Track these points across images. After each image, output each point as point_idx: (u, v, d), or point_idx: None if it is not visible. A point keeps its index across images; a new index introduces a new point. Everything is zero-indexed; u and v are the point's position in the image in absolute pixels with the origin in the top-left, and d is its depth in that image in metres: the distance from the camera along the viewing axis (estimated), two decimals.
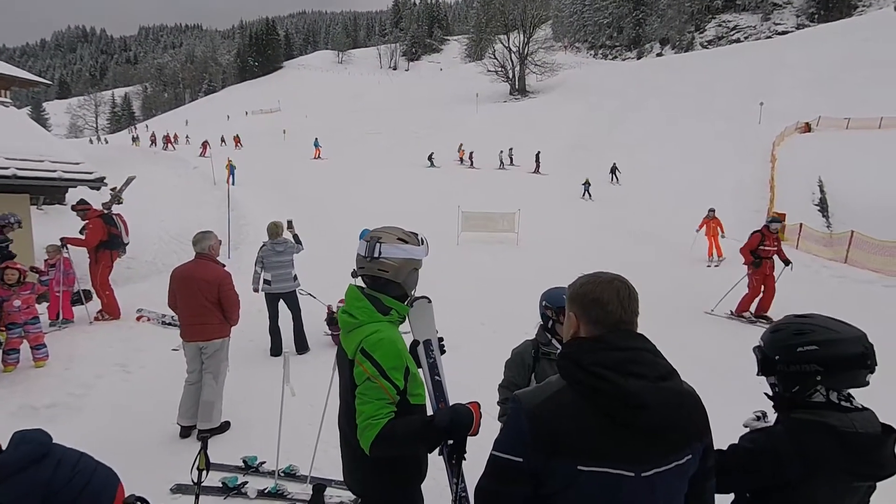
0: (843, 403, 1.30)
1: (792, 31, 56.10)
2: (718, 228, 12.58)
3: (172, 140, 35.67)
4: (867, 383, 1.30)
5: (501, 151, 28.84)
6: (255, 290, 5.75)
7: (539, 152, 27.63)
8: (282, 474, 3.23)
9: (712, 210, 12.81)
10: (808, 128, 27.19)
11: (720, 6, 66.36)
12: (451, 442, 1.60)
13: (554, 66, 54.12)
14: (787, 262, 7.70)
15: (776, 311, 7.51)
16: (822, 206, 19.25)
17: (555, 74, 53.79)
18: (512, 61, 56.27)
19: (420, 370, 1.87)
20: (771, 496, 1.32)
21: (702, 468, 1.19)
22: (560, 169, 26.61)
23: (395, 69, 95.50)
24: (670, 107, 34.70)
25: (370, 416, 1.51)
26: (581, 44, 79.45)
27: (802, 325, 1.35)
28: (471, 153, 29.50)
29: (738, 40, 61.49)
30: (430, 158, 28.49)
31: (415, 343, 1.92)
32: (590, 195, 21.87)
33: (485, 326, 6.91)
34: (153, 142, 36.44)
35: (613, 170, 24.48)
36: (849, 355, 1.28)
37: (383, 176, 23.50)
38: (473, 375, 3.43)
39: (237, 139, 32.91)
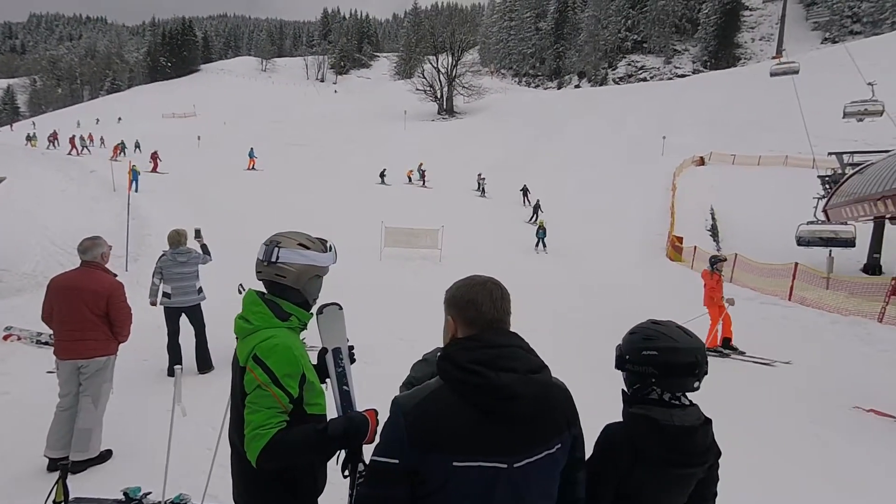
0: (672, 401, 1.43)
1: (689, 75, 62.65)
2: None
3: (87, 142, 30.43)
4: (695, 389, 1.43)
5: (481, 176, 27.95)
6: (153, 304, 5.27)
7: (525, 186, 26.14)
8: None
9: (718, 260, 8.19)
10: (702, 161, 30.27)
11: (630, 47, 72.57)
12: (345, 451, 1.54)
13: (481, 89, 56.13)
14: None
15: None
16: (714, 231, 21.39)
17: (481, 97, 55.74)
18: (440, 82, 57.58)
19: (327, 380, 1.81)
20: (614, 486, 1.42)
21: (571, 459, 1.26)
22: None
23: (322, 81, 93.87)
24: (586, 135, 37.18)
25: (259, 426, 1.41)
26: (506, 70, 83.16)
27: (652, 332, 1.47)
28: (423, 171, 28.98)
29: (644, 79, 67.59)
30: (381, 175, 27.86)
31: (323, 351, 1.85)
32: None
33: (403, 342, 6.83)
34: (52, 142, 31.09)
35: (525, 191, 25.39)
36: (681, 364, 1.40)
37: (313, 189, 22.85)
38: (389, 390, 3.32)
39: (154, 158, 25.58)
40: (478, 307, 1.22)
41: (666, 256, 17.27)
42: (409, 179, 28.99)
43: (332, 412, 1.71)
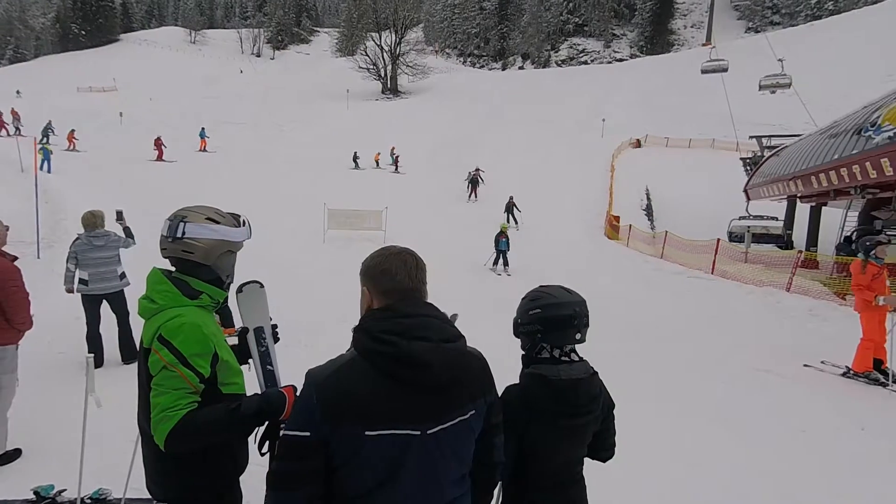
0: (562, 358, 1.54)
1: (627, 60, 64.82)
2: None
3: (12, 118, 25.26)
4: (577, 340, 1.55)
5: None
6: (69, 291, 4.87)
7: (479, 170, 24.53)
8: (87, 501, 2.75)
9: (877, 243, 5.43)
10: (638, 143, 31.65)
11: (571, 30, 73.91)
12: (263, 429, 1.51)
13: (425, 68, 55.34)
14: None
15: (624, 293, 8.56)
16: (648, 210, 22.53)
17: (426, 77, 55.01)
18: (384, 60, 56.22)
19: (250, 360, 1.77)
20: (516, 442, 1.51)
21: (487, 424, 1.28)
22: (428, 170, 27.20)
23: (258, 56, 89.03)
24: (530, 117, 37.71)
25: (166, 408, 1.35)
26: (451, 50, 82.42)
27: (536, 293, 1.60)
28: (396, 157, 27.36)
29: (585, 62, 69.27)
30: (354, 159, 26.80)
31: (244, 331, 1.79)
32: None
33: (346, 323, 6.73)
34: None
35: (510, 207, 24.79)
36: (560, 316, 1.52)
37: (253, 171, 21.78)
38: None
39: (71, 137, 23.59)
40: (392, 277, 1.22)
41: (604, 235, 18.01)
42: (377, 164, 27.83)
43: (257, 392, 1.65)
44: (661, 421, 4.29)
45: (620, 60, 65.43)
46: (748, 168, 20.73)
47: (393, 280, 1.21)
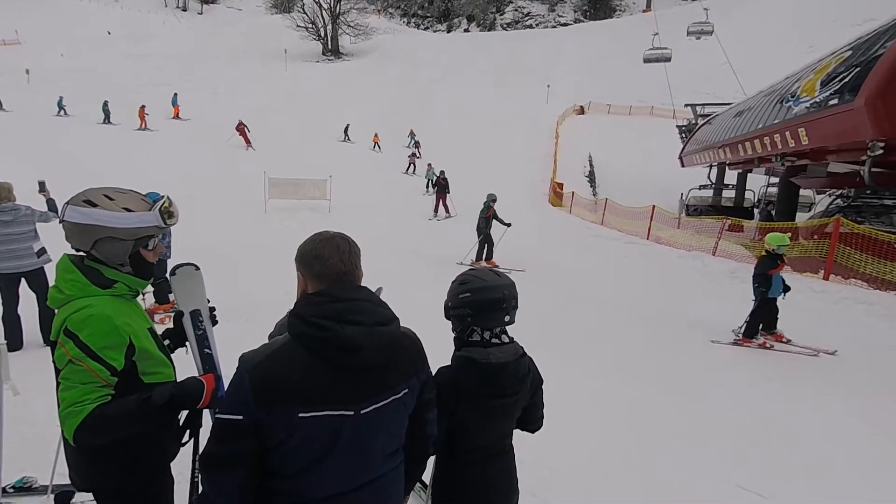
0: (492, 340, 1.58)
1: (571, 24, 65.03)
2: None
3: None
4: (507, 323, 1.59)
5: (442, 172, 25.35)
6: None
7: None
8: (10, 490, 2.61)
9: None
10: (581, 110, 32.22)
11: None
12: (184, 416, 1.50)
13: (368, 29, 53.06)
14: None
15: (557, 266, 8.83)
16: (591, 177, 23.22)
17: (368, 38, 52.84)
18: (323, 19, 53.32)
19: (187, 343, 1.74)
20: (446, 421, 1.57)
21: (420, 401, 1.34)
22: (372, 135, 26.51)
23: (185, 10, 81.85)
24: (475, 81, 37.34)
25: (72, 403, 1.29)
26: (394, 10, 79.31)
27: (466, 277, 1.63)
28: (416, 141, 25.15)
29: (530, 26, 68.88)
30: (345, 132, 25.47)
31: (179, 314, 1.75)
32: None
33: (289, 295, 6.60)
34: None
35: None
36: (489, 300, 1.55)
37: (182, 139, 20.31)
38: None
39: None
40: (324, 261, 1.23)
41: (548, 202, 18.43)
42: (377, 146, 25.20)
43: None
44: (592, 383, 4.56)
45: (565, 25, 65.56)
46: (683, 135, 21.71)
47: (325, 264, 1.23)
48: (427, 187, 18.28)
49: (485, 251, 9.59)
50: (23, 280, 4.58)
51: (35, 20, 53.95)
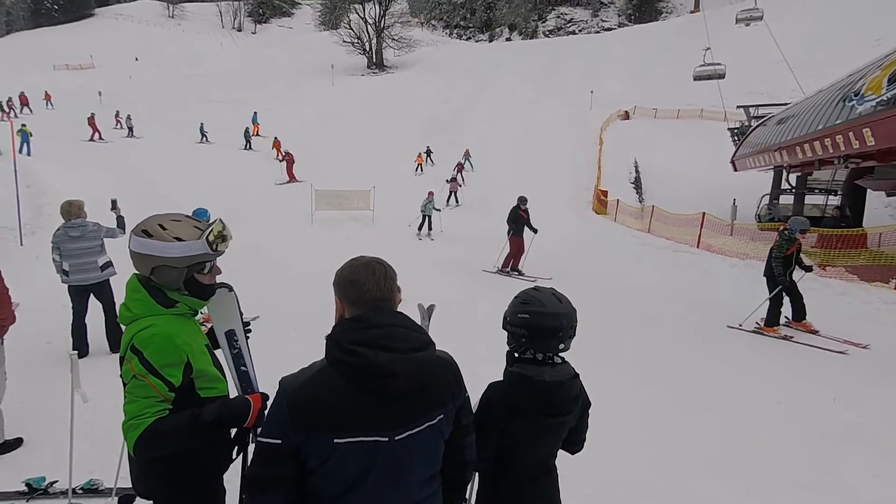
0: (546, 360, 1.58)
1: (615, 29, 63.72)
2: None
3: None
4: (561, 350, 1.58)
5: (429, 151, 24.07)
6: (64, 281, 4.86)
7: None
8: (79, 492, 2.81)
9: None
10: (626, 115, 31.37)
11: None
12: (235, 434, 1.58)
13: (411, 41, 54.02)
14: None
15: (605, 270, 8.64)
16: (637, 183, 22.52)
17: (412, 50, 53.77)
18: (368, 33, 54.77)
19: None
20: (496, 438, 1.57)
21: (457, 426, 1.33)
22: (418, 148, 26.86)
23: (240, 31, 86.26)
24: (518, 89, 37.17)
25: (134, 416, 1.40)
26: (437, 22, 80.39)
27: (528, 296, 1.61)
28: (419, 155, 23.30)
29: (573, 32, 67.93)
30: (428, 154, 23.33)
31: (212, 334, 1.82)
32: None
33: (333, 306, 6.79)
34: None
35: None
36: (546, 327, 1.54)
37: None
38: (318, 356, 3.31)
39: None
40: (360, 287, 1.24)
41: (592, 210, 18.04)
42: (420, 168, 23.25)
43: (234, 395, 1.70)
44: (637, 391, 4.42)
45: (608, 30, 64.30)
46: (736, 138, 20.68)
47: (361, 290, 1.24)
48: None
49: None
50: (91, 293, 4.94)
51: (107, 45, 58.42)
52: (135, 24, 77.98)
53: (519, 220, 9.67)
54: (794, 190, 15.62)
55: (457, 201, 17.91)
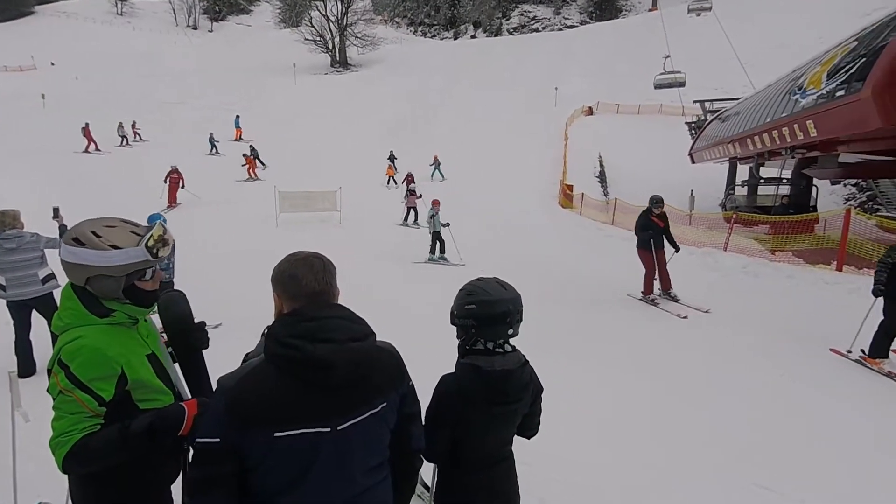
0: (495, 349, 1.60)
1: (577, 26, 64.83)
2: None
3: None
4: (511, 335, 1.61)
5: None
6: (2, 296, 4.56)
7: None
8: None
9: None
10: (590, 111, 32.02)
11: None
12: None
13: (375, 39, 53.54)
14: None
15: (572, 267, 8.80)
16: (602, 177, 23.03)
17: (376, 48, 53.31)
18: (331, 31, 53.98)
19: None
20: (450, 428, 1.59)
21: (402, 414, 1.35)
22: (385, 147, 26.62)
23: (195, 29, 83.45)
24: (483, 87, 37.34)
25: (62, 433, 1.33)
26: (401, 19, 79.93)
27: (472, 287, 1.63)
28: (389, 167, 21.38)
29: (536, 30, 68.79)
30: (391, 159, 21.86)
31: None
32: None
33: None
34: None
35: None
36: (494, 314, 1.56)
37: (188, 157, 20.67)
38: None
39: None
40: (298, 281, 1.25)
41: (559, 204, 18.34)
42: (392, 181, 20.94)
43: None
44: (599, 382, 4.53)
45: (571, 27, 65.39)
46: (693, 132, 21.44)
47: (299, 284, 1.24)
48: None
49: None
50: (32, 309, 4.66)
51: (50, 45, 55.53)
52: (79, 21, 74.22)
53: (650, 227, 7.31)
54: (744, 183, 16.40)
55: (416, 218, 14.82)
